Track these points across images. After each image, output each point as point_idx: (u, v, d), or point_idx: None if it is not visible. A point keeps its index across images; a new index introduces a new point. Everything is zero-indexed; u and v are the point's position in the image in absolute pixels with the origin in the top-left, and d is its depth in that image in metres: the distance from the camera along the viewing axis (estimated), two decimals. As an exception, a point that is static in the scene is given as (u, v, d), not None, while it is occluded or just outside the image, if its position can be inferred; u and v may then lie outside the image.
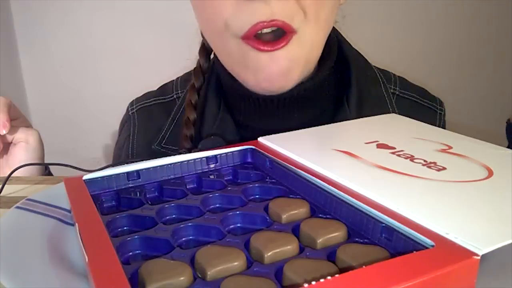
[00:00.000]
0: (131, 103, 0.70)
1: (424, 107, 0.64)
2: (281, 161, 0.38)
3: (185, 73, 0.68)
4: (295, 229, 0.30)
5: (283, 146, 0.40)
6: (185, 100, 0.61)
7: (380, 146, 0.38)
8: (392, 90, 0.63)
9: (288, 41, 0.49)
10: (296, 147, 0.39)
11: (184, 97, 0.63)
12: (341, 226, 0.30)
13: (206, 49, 0.61)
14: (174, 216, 0.34)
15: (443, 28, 1.40)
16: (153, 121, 0.65)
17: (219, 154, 0.42)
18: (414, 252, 0.24)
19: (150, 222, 0.32)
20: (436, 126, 0.47)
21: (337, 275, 0.22)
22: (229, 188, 0.37)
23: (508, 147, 0.38)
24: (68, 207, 0.35)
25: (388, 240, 0.27)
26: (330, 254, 0.27)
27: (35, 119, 1.28)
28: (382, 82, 0.63)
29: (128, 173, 0.38)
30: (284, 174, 0.37)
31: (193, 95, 0.60)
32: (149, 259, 0.27)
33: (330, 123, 0.47)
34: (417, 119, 0.46)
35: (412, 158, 0.35)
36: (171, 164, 0.40)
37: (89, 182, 0.37)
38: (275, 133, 0.43)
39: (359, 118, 0.49)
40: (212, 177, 0.40)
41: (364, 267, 0.22)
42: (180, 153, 0.42)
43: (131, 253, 0.30)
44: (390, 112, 0.60)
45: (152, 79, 0.72)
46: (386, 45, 1.35)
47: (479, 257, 0.23)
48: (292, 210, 0.32)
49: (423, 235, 0.25)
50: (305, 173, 0.35)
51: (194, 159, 0.41)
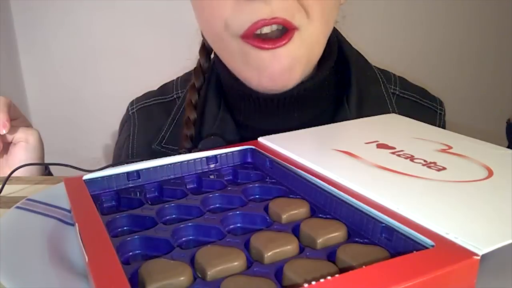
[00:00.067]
0: (131, 103, 0.70)
1: (424, 107, 0.64)
2: (281, 161, 0.38)
3: (185, 73, 0.68)
4: (295, 229, 0.30)
5: (283, 146, 0.40)
6: (185, 100, 0.61)
7: (380, 146, 0.38)
8: (392, 90, 0.63)
9: (290, 39, 0.49)
10: (296, 147, 0.39)
11: (184, 97, 0.63)
12: (341, 226, 0.30)
13: (207, 49, 0.61)
14: (174, 216, 0.34)
15: (443, 28, 1.40)
16: (153, 121, 0.65)
17: (219, 154, 0.42)
18: (414, 252, 0.24)
19: (150, 222, 0.32)
20: (436, 126, 0.47)
21: (337, 275, 0.22)
22: (229, 188, 0.37)
23: (508, 147, 0.38)
24: (68, 207, 0.35)
25: (388, 240, 0.27)
26: (330, 254, 0.27)
27: (35, 119, 1.28)
28: (382, 82, 0.63)
29: (128, 173, 0.38)
30: (284, 174, 0.37)
31: (193, 95, 0.60)
32: (149, 259, 0.27)
33: (330, 123, 0.47)
34: (417, 119, 0.46)
35: (412, 158, 0.35)
36: (171, 164, 0.40)
37: (89, 182, 0.37)
38: (275, 133, 0.43)
39: (359, 118, 0.49)
40: (212, 177, 0.40)
41: (364, 267, 0.22)
42: (180, 153, 0.42)
43: (131, 253, 0.30)
44: (390, 112, 0.60)
45: (152, 79, 0.72)
46: (386, 45, 1.35)
47: (479, 257, 0.23)
48: (292, 210, 0.32)
49: (423, 235, 0.25)
50: (305, 173, 0.35)
51: (194, 159, 0.41)
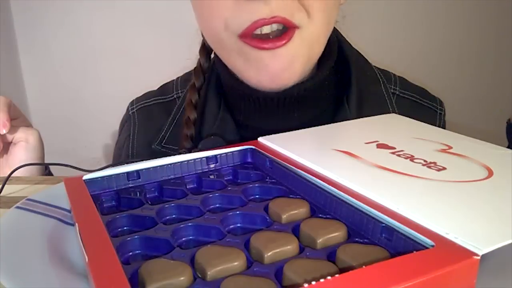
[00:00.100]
0: (131, 103, 0.70)
1: (424, 107, 0.64)
2: (281, 161, 0.38)
3: (185, 73, 0.68)
4: (295, 229, 0.30)
5: (283, 146, 0.40)
6: (186, 100, 0.61)
7: (380, 146, 0.38)
8: (392, 90, 0.63)
9: (290, 38, 0.49)
10: (296, 147, 0.39)
11: (184, 97, 0.63)
12: (341, 226, 0.30)
13: (207, 49, 0.61)
14: (174, 216, 0.34)
15: (443, 28, 1.40)
16: (153, 121, 0.65)
17: (219, 154, 0.42)
18: (414, 252, 0.24)
19: (150, 222, 0.32)
20: (436, 126, 0.47)
21: (337, 275, 0.22)
22: (229, 188, 0.37)
23: (508, 147, 0.38)
24: (68, 207, 0.35)
25: (388, 240, 0.27)
26: (330, 254, 0.27)
27: (35, 119, 1.28)
28: (382, 82, 0.63)
29: (128, 173, 0.38)
30: (284, 174, 0.37)
31: (194, 95, 0.60)
32: (149, 259, 0.27)
33: (330, 123, 0.47)
34: (417, 119, 0.46)
35: (412, 158, 0.35)
36: (171, 164, 0.40)
37: (89, 182, 0.37)
38: (275, 133, 0.43)
39: (359, 118, 0.49)
40: (212, 177, 0.40)
41: (364, 267, 0.22)
42: (180, 153, 0.42)
43: (131, 253, 0.30)
44: (390, 112, 0.60)
45: (152, 79, 0.72)
46: (386, 45, 1.35)
47: (479, 257, 0.23)
48: (292, 210, 0.32)
49: (423, 235, 0.25)
50: (305, 173, 0.35)
51: (194, 159, 0.41)
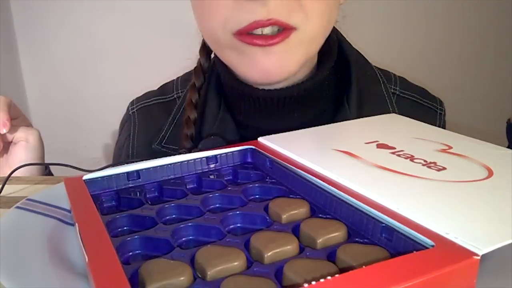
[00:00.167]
0: (131, 103, 0.70)
1: (424, 107, 0.64)
2: (281, 161, 0.38)
3: (186, 73, 0.68)
4: (295, 229, 0.30)
5: (283, 146, 0.40)
6: (186, 99, 0.61)
7: (380, 146, 0.38)
8: (393, 90, 0.63)
9: (285, 38, 0.49)
10: (296, 147, 0.39)
11: (185, 97, 0.63)
12: (341, 226, 0.30)
13: (207, 49, 0.61)
14: (174, 216, 0.34)
15: (443, 28, 1.40)
16: (153, 121, 0.65)
17: (219, 154, 0.42)
18: (414, 252, 0.24)
19: (150, 222, 0.32)
20: (436, 126, 0.47)
21: (337, 275, 0.22)
22: (229, 188, 0.37)
23: (508, 147, 0.38)
24: (68, 207, 0.35)
25: (388, 240, 0.27)
26: (330, 254, 0.27)
27: (35, 119, 1.28)
28: (382, 82, 0.63)
29: (128, 173, 0.38)
30: (284, 174, 0.37)
31: (194, 94, 0.60)
32: (149, 259, 0.27)
33: (330, 123, 0.47)
34: (417, 119, 0.46)
35: (412, 158, 0.35)
36: (171, 164, 0.40)
37: (89, 182, 0.37)
38: (275, 133, 0.43)
39: (359, 118, 0.49)
40: (212, 177, 0.40)
41: (364, 267, 0.22)
42: (180, 153, 0.42)
43: (131, 253, 0.30)
44: (390, 112, 0.60)
45: (152, 79, 0.72)
46: (386, 45, 1.35)
47: (479, 257, 0.23)
48: (292, 210, 0.32)
49: (423, 235, 0.25)
50: (305, 173, 0.35)
51: (194, 159, 0.41)
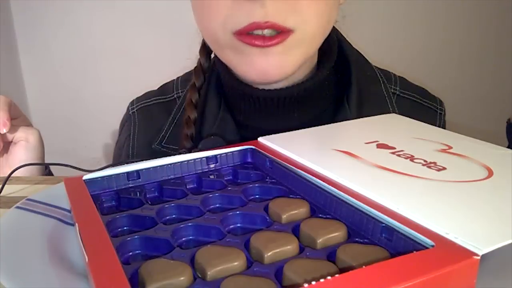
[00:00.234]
0: (132, 103, 0.70)
1: (424, 107, 0.64)
2: (281, 161, 0.38)
3: (186, 73, 0.68)
4: (295, 229, 0.30)
5: (283, 146, 0.40)
6: (186, 99, 0.61)
7: (380, 146, 0.38)
8: (393, 90, 0.63)
9: (283, 40, 0.49)
10: (296, 147, 0.39)
11: (185, 97, 0.63)
12: (341, 226, 0.30)
13: (207, 49, 0.61)
14: (174, 216, 0.34)
15: (443, 28, 1.40)
16: (154, 121, 0.65)
17: (219, 154, 0.42)
18: (414, 252, 0.24)
19: (150, 222, 0.32)
20: (436, 126, 0.47)
21: (337, 275, 0.22)
22: (229, 188, 0.37)
23: (508, 147, 0.38)
24: (68, 207, 0.35)
25: (388, 240, 0.27)
26: (330, 254, 0.27)
27: (35, 119, 1.28)
28: (383, 82, 0.63)
29: (128, 173, 0.38)
30: (284, 174, 0.37)
31: (194, 94, 0.60)
32: (149, 259, 0.27)
33: (330, 123, 0.47)
34: (417, 119, 0.46)
35: (412, 158, 0.35)
36: (171, 164, 0.40)
37: (89, 182, 0.37)
38: (275, 133, 0.43)
39: (359, 118, 0.49)
40: (212, 177, 0.40)
41: (364, 267, 0.22)
42: (180, 153, 0.42)
43: (131, 253, 0.30)
44: (391, 112, 0.60)
45: (152, 79, 0.72)
46: (386, 45, 1.35)
47: (479, 257, 0.23)
48: (292, 210, 0.32)
49: (423, 235, 0.25)
50: (305, 173, 0.35)
51: (194, 159, 0.41)
